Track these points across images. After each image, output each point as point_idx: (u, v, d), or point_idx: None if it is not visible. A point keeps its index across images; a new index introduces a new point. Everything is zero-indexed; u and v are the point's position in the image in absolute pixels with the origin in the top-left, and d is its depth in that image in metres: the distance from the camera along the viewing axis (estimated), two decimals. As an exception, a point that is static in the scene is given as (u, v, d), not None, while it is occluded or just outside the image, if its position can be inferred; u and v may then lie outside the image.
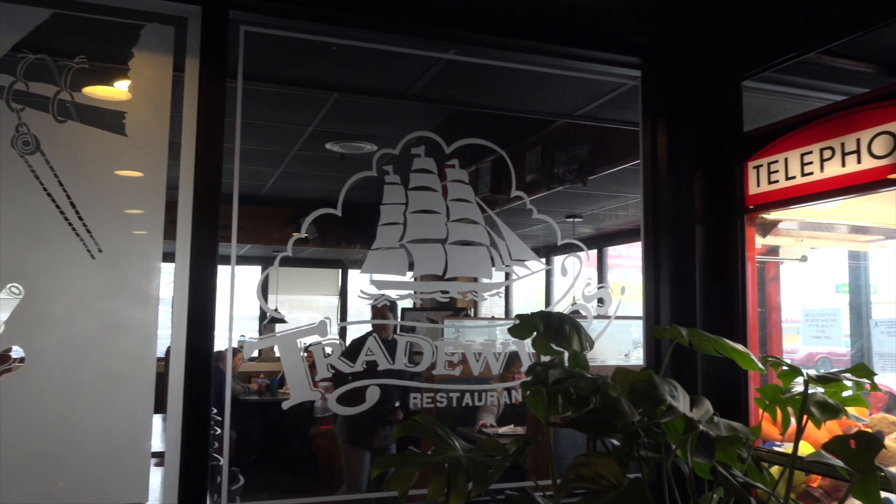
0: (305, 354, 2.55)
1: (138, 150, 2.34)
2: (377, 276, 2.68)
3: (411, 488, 1.82)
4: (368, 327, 2.85)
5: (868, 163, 2.38)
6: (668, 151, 2.97)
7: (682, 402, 1.96)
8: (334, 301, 10.28)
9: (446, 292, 2.71)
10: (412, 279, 2.71)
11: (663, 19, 2.91)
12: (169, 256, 2.31)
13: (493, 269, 2.80)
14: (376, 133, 4.43)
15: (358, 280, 2.83)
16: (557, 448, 3.23)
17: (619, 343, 3.92)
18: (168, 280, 2.30)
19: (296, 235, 2.61)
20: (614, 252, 7.97)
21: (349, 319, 9.83)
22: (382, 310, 2.90)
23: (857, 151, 2.41)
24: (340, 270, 10.02)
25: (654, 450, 2.06)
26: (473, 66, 3.05)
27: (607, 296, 2.95)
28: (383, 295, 2.68)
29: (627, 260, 7.58)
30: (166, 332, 2.31)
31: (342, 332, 4.11)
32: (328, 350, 2.55)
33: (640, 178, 3.04)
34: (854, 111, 2.49)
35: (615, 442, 2.05)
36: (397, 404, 4.33)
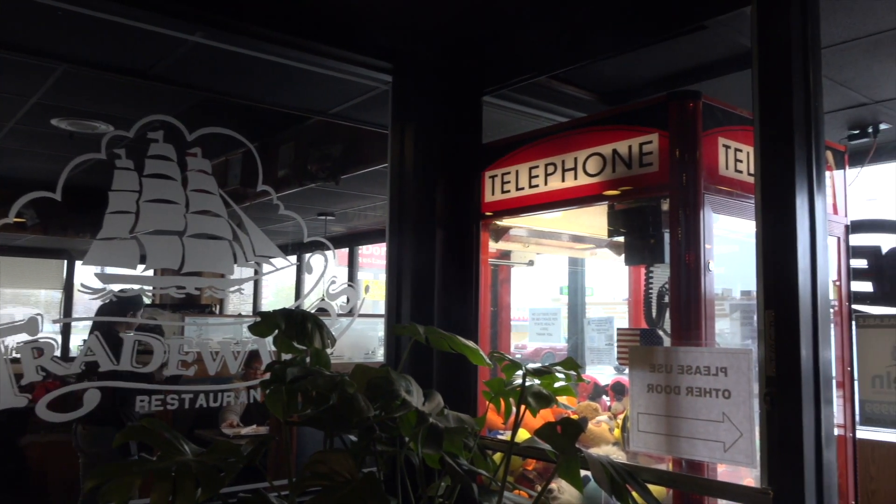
0: (14, 355, 2.25)
1: None
2: (103, 269, 2.45)
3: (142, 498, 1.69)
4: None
5: (583, 179, 2.69)
6: (415, 157, 3.09)
7: (416, 396, 2.05)
8: (58, 295, 9.20)
9: (182, 288, 2.56)
10: (145, 273, 2.51)
11: (414, 28, 3.03)
12: None
13: (236, 264, 2.69)
14: (112, 113, 4.04)
15: (85, 273, 2.56)
16: (304, 448, 3.20)
17: (366, 341, 3.99)
18: None
19: (3, 221, 2.29)
20: (367, 251, 8.12)
21: (74, 316, 8.84)
22: (110, 306, 2.65)
23: (575, 169, 2.71)
24: (66, 261, 8.99)
25: (389, 444, 2.13)
26: (223, 52, 2.92)
27: (353, 294, 2.99)
28: (107, 289, 2.45)
29: (379, 259, 7.77)
30: None
31: (65, 330, 3.68)
32: (40, 350, 2.28)
33: (387, 181, 3.13)
34: (573, 133, 2.79)
35: (354, 438, 2.09)
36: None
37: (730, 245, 2.78)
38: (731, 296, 3.15)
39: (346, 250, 7.41)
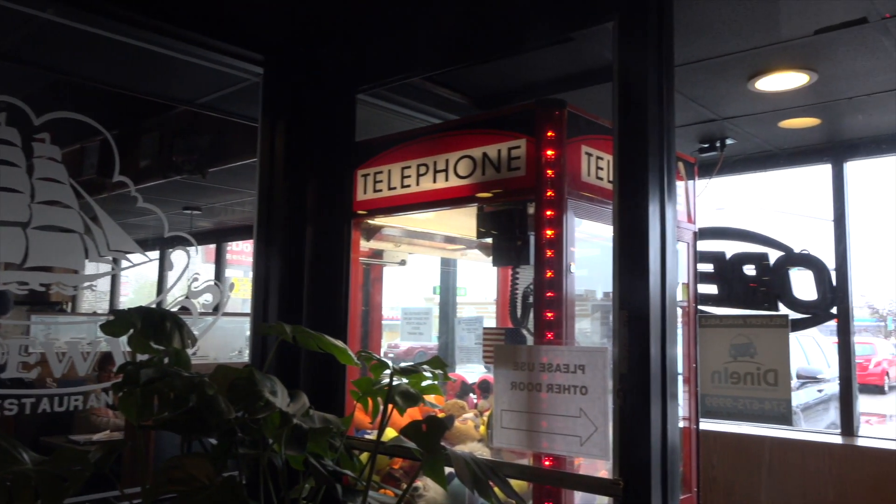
0: None
1: None
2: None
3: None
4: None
5: (454, 181, 2.73)
6: (286, 152, 3.03)
7: (280, 397, 2.00)
8: None
9: (25, 284, 2.36)
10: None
11: (288, 21, 2.96)
12: None
13: (88, 260, 2.52)
14: (-52, 91, 3.68)
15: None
16: (163, 454, 3.04)
17: (233, 340, 3.86)
18: None
19: None
20: (236, 248, 7.84)
21: None
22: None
23: (446, 170, 2.75)
24: None
25: (252, 446, 2.07)
26: (79, 32, 2.73)
27: (216, 292, 2.88)
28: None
29: (249, 256, 7.53)
30: None
31: None
32: None
33: (256, 176, 3.04)
34: (446, 135, 2.83)
35: (214, 441, 2.02)
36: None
37: (594, 248, 2.92)
38: (595, 297, 3.30)
39: (213, 246, 7.12)
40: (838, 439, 4.38)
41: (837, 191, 4.59)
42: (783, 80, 3.50)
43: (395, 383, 2.15)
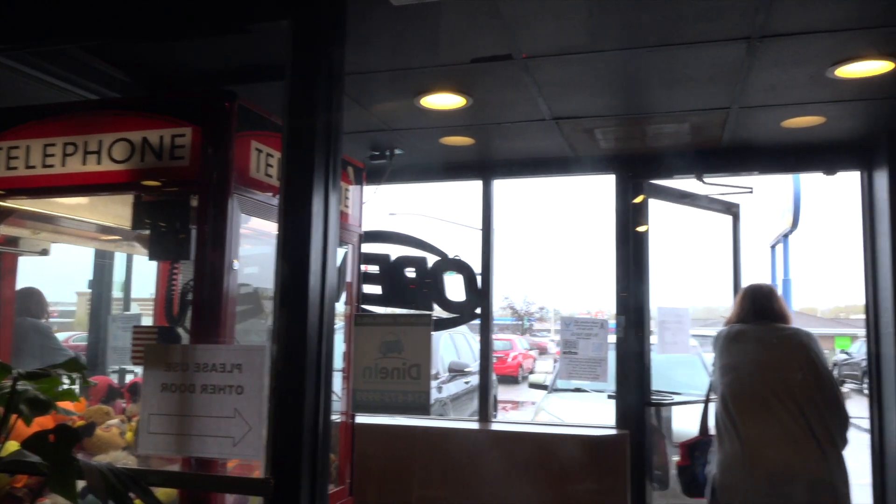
0: None
1: None
2: None
3: None
4: None
5: (108, 165, 2.48)
6: None
7: None
8: None
9: None
10: None
11: None
12: None
13: None
14: None
15: None
16: None
17: None
18: None
19: None
20: None
21: None
22: None
23: (99, 152, 2.49)
24: None
25: None
26: None
27: None
28: None
29: None
30: None
31: None
32: None
33: None
34: (102, 113, 2.57)
35: None
36: None
37: (266, 246, 2.88)
38: (266, 295, 3.26)
39: None
40: (476, 425, 4.93)
41: (486, 204, 5.18)
42: (444, 100, 3.83)
43: (19, 389, 1.88)
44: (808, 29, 2.93)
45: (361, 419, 3.92)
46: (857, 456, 5.02)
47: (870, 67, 3.30)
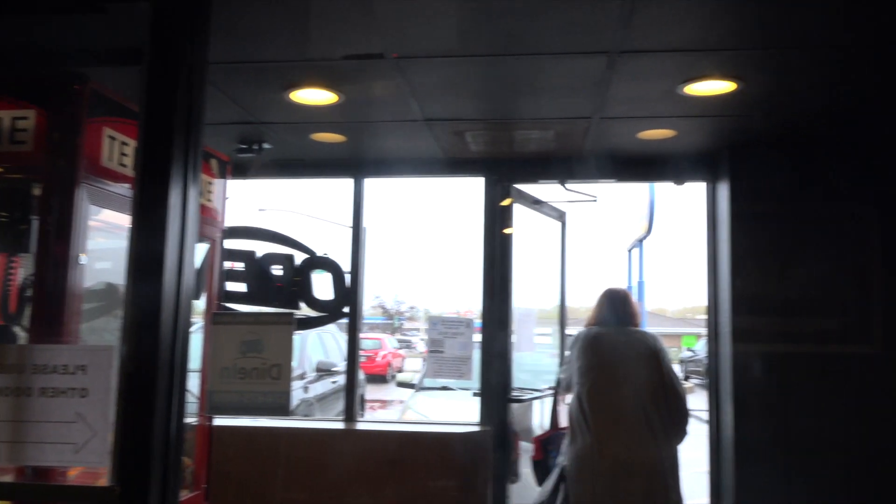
0: None
1: None
2: None
3: None
4: None
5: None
6: None
7: None
8: None
9: None
10: None
11: None
12: None
13: None
14: None
15: None
16: None
17: None
18: None
19: None
20: None
21: None
22: None
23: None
24: None
25: None
26: None
27: None
28: None
29: None
30: None
31: None
32: None
33: None
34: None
35: None
36: None
37: (121, 240, 2.71)
38: (120, 292, 3.07)
39: None
40: (342, 425, 4.89)
41: (357, 203, 5.14)
42: (315, 96, 3.77)
43: None
44: (662, 47, 3.13)
45: (222, 421, 3.77)
46: (698, 445, 5.44)
47: (715, 87, 3.57)
